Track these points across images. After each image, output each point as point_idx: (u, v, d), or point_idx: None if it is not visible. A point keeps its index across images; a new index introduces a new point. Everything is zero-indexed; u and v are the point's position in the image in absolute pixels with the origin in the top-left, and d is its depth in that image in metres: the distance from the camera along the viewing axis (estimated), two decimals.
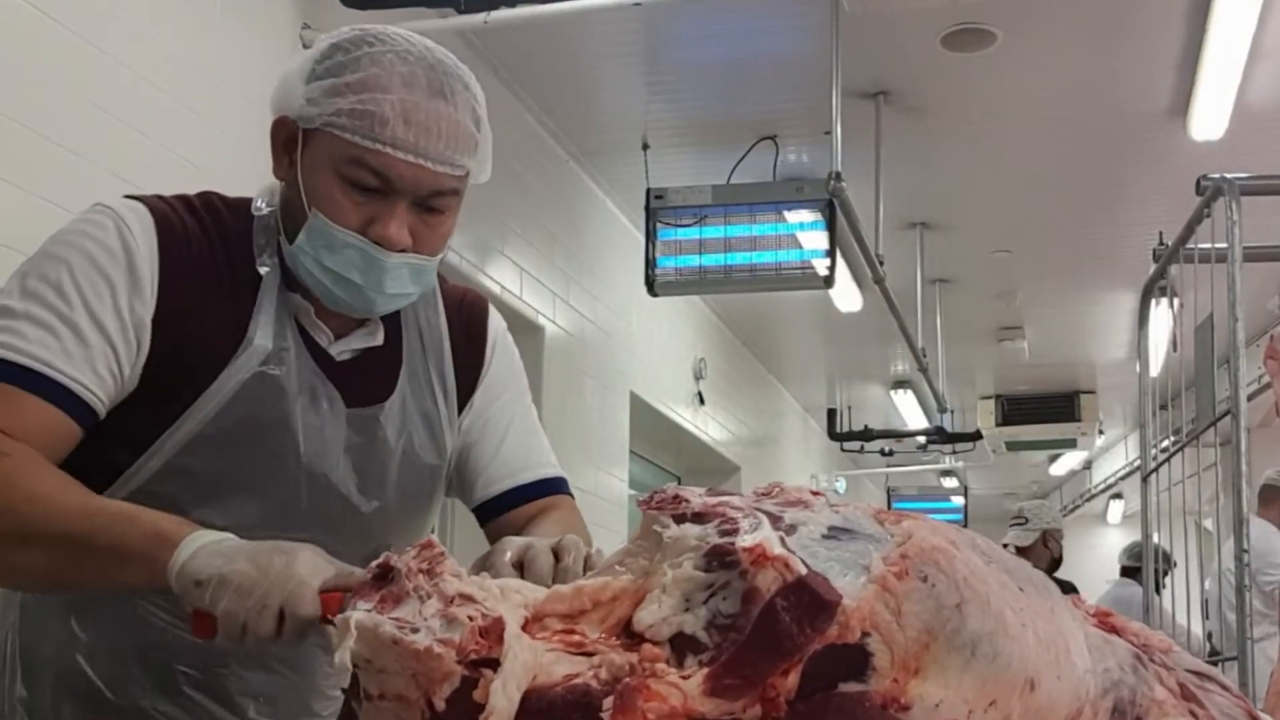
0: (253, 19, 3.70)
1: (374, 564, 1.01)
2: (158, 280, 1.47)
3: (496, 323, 1.75)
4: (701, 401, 7.98)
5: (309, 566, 1.23)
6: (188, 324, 1.48)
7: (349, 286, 1.49)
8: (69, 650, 1.54)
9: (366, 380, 1.58)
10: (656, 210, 5.26)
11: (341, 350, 1.58)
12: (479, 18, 4.15)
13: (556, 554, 1.33)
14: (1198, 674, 1.13)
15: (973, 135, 5.78)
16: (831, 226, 5.13)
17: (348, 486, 1.55)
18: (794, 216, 5.24)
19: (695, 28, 4.84)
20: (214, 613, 1.23)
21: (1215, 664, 3.06)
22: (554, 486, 1.73)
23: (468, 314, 1.72)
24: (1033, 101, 5.42)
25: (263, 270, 1.53)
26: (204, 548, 1.27)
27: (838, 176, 4.57)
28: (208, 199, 1.58)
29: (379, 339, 1.60)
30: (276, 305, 1.53)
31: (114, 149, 3.10)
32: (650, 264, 5.31)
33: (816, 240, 5.24)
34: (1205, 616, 5.02)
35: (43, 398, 1.41)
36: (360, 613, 0.92)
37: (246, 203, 1.58)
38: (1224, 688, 1.14)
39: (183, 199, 1.56)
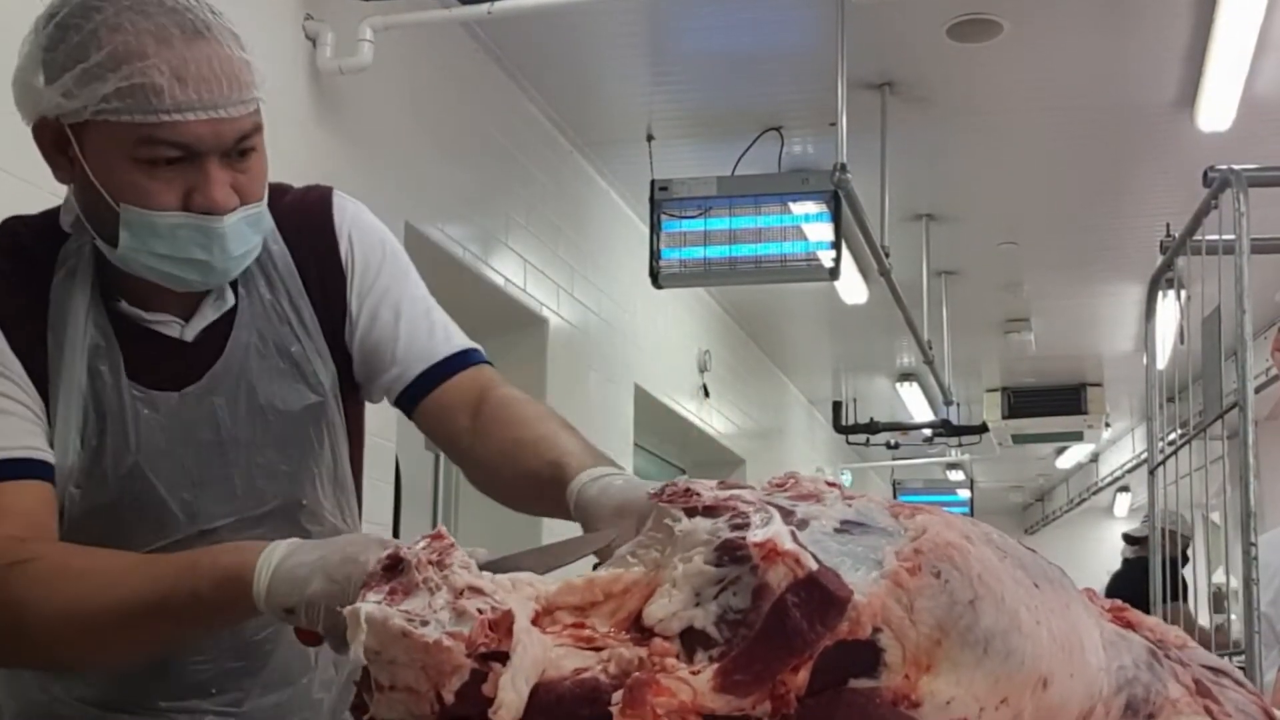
0: (255, 10, 3.69)
1: (384, 555, 1.00)
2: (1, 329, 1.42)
3: (344, 214, 1.60)
4: (706, 394, 7.98)
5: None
6: (38, 359, 1.43)
7: (194, 266, 1.40)
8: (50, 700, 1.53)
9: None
10: (661, 202, 5.25)
11: (196, 330, 1.49)
12: (482, 8, 4.14)
13: None
14: (1213, 669, 1.12)
15: (979, 126, 5.77)
16: (837, 218, 5.12)
17: (197, 482, 1.49)
18: (799, 208, 5.24)
19: (700, 18, 4.83)
20: (316, 631, 1.21)
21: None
22: (470, 358, 1.60)
23: (308, 222, 1.58)
24: (1039, 92, 5.41)
25: (66, 307, 1.45)
26: (278, 575, 1.23)
27: (843, 168, 4.56)
28: (11, 227, 1.52)
29: (230, 300, 1.51)
30: (85, 306, 1.45)
31: None
32: (655, 256, 5.30)
33: (822, 232, 5.23)
34: (1214, 610, 5.01)
35: (13, 479, 1.37)
36: (370, 605, 0.92)
37: (50, 212, 1.51)
38: (1238, 683, 1.13)
39: None
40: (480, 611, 0.89)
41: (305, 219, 1.58)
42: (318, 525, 1.55)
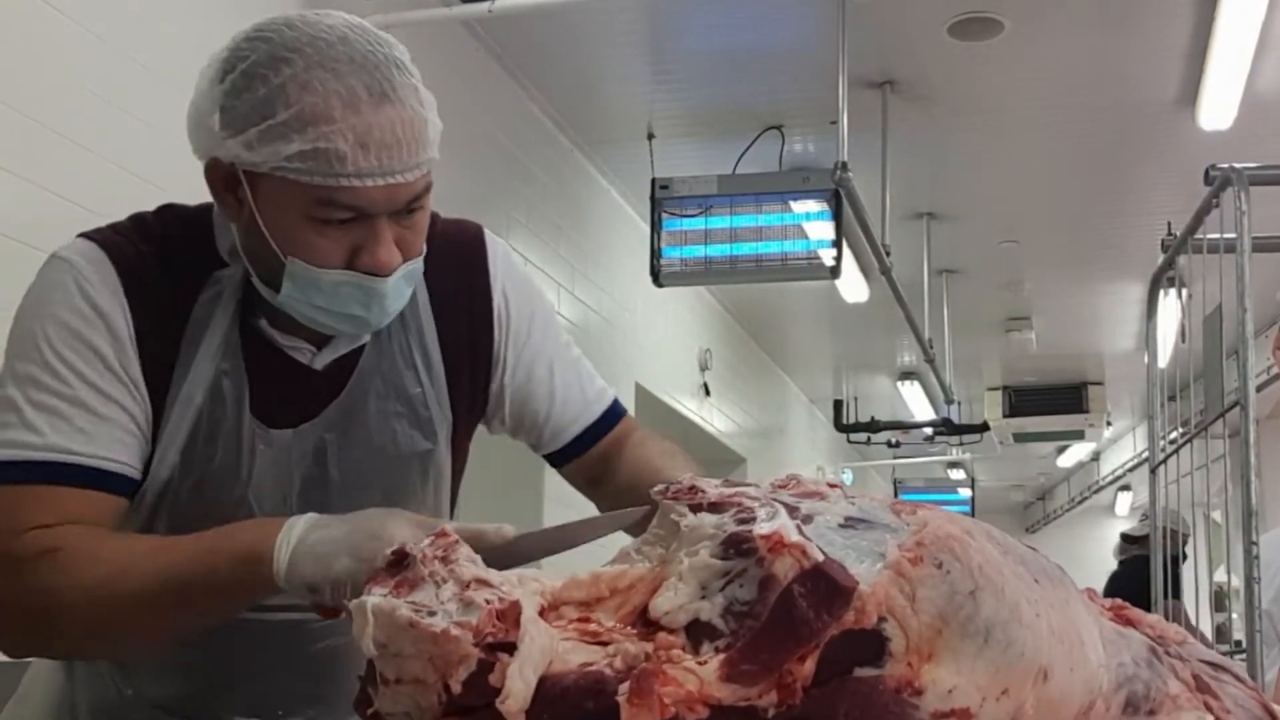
0: (255, 7, 3.69)
1: (389, 551, 1.00)
2: (133, 333, 1.40)
3: (497, 259, 1.61)
4: (707, 393, 7.98)
5: (405, 537, 1.17)
6: (163, 370, 1.42)
7: (350, 320, 1.41)
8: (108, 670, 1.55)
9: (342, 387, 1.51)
10: (662, 200, 5.25)
11: (327, 360, 1.50)
12: (483, 6, 4.15)
13: None
14: (1212, 665, 1.12)
15: (980, 125, 5.77)
16: (838, 217, 5.12)
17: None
18: (800, 207, 5.24)
19: (701, 16, 4.83)
20: (338, 607, 1.22)
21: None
22: (616, 414, 1.69)
23: (458, 261, 1.57)
24: (1040, 91, 5.41)
25: (209, 327, 1.45)
26: (299, 551, 1.23)
27: (844, 166, 4.56)
28: (164, 218, 1.50)
29: (365, 336, 1.51)
30: (224, 334, 1.45)
31: (115, 138, 3.09)
32: (655, 254, 5.30)
33: (823, 230, 5.23)
34: (1215, 609, 5.01)
35: (77, 486, 1.36)
36: (377, 597, 0.92)
37: (204, 215, 1.49)
38: (1238, 679, 1.14)
39: (138, 223, 1.48)
40: (488, 602, 0.89)
41: (456, 258, 1.57)
42: None
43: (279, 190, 1.32)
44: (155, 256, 1.44)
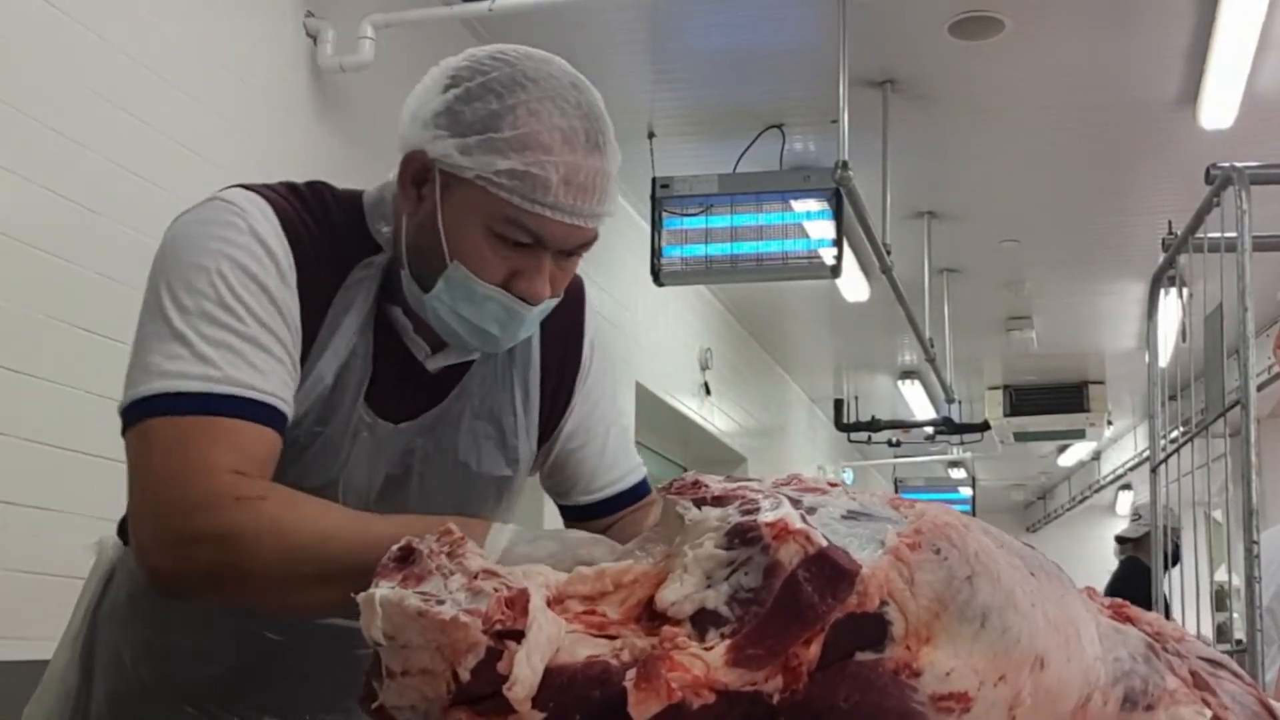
0: (255, 6, 3.69)
1: (394, 548, 1.00)
2: (296, 280, 1.42)
3: (591, 313, 1.69)
4: (708, 392, 7.98)
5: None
6: (315, 325, 1.45)
7: (484, 336, 1.45)
8: (146, 653, 1.56)
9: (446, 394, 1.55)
10: (662, 199, 5.25)
11: (439, 364, 1.54)
12: (483, 5, 4.15)
13: None
14: (1210, 661, 1.13)
15: (981, 124, 5.77)
16: (838, 216, 5.12)
17: (371, 509, 1.47)
18: (801, 205, 5.24)
19: (701, 15, 4.83)
20: None
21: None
22: (645, 489, 1.72)
23: (563, 305, 1.59)
24: (1041, 90, 5.41)
25: (355, 295, 1.48)
26: (505, 560, 1.20)
27: (845, 165, 4.56)
28: (318, 192, 1.51)
29: (477, 353, 1.56)
30: (363, 318, 1.48)
31: (115, 136, 3.10)
32: (656, 253, 5.30)
33: (823, 229, 5.23)
34: (1215, 609, 5.01)
35: (257, 422, 1.35)
36: (385, 589, 0.92)
37: (355, 198, 1.53)
38: (1236, 675, 1.14)
39: (293, 190, 1.50)
40: (496, 590, 0.89)
41: (563, 304, 1.59)
42: None
43: (472, 198, 1.38)
44: (315, 222, 1.47)
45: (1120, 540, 7.27)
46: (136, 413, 1.33)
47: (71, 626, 1.62)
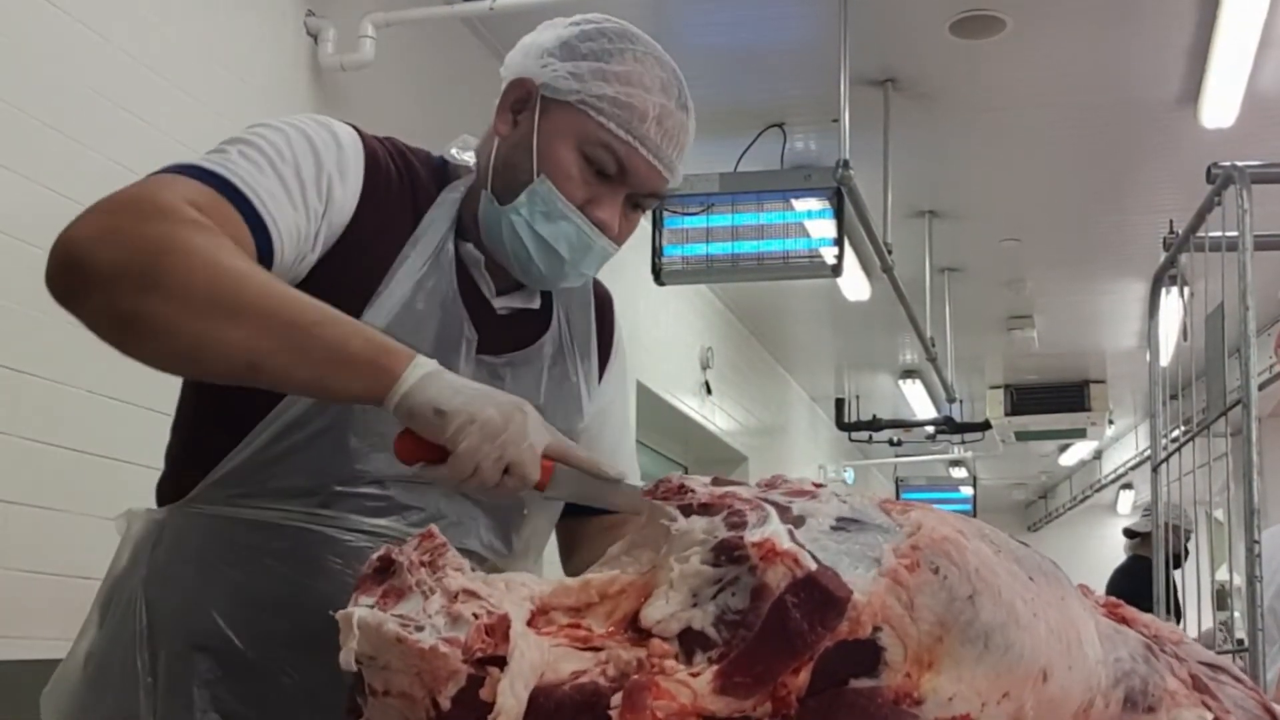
0: (256, 5, 3.69)
1: (374, 557, 0.99)
2: (361, 186, 1.48)
3: (618, 321, 1.79)
4: (709, 391, 7.97)
5: (537, 430, 1.27)
6: (374, 240, 1.48)
7: (552, 258, 1.51)
8: (201, 607, 1.44)
9: (519, 338, 1.59)
10: (663, 198, 5.23)
11: (502, 306, 1.58)
12: (484, 4, 4.14)
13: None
14: (1210, 665, 1.12)
15: (982, 123, 5.76)
16: (839, 215, 5.11)
17: None
18: (802, 205, 5.22)
19: (702, 14, 4.82)
20: (448, 446, 1.23)
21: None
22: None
23: (603, 304, 1.76)
24: (1042, 89, 5.40)
25: (437, 215, 1.53)
26: (435, 375, 1.25)
27: (846, 164, 4.55)
28: (392, 140, 1.59)
29: (536, 303, 1.62)
30: (438, 245, 1.52)
31: (116, 136, 3.09)
32: (657, 253, 5.29)
33: (824, 229, 5.21)
34: (1217, 608, 4.99)
35: (246, 221, 1.36)
36: (363, 609, 0.90)
37: (424, 152, 1.61)
38: (1236, 679, 1.13)
39: (374, 135, 1.58)
40: (476, 615, 0.87)
41: (601, 300, 1.76)
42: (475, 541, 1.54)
43: (570, 119, 1.49)
44: (396, 154, 1.55)
45: (1129, 534, 7.26)
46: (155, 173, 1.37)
47: (101, 604, 1.54)
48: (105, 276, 1.25)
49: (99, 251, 1.25)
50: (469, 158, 1.60)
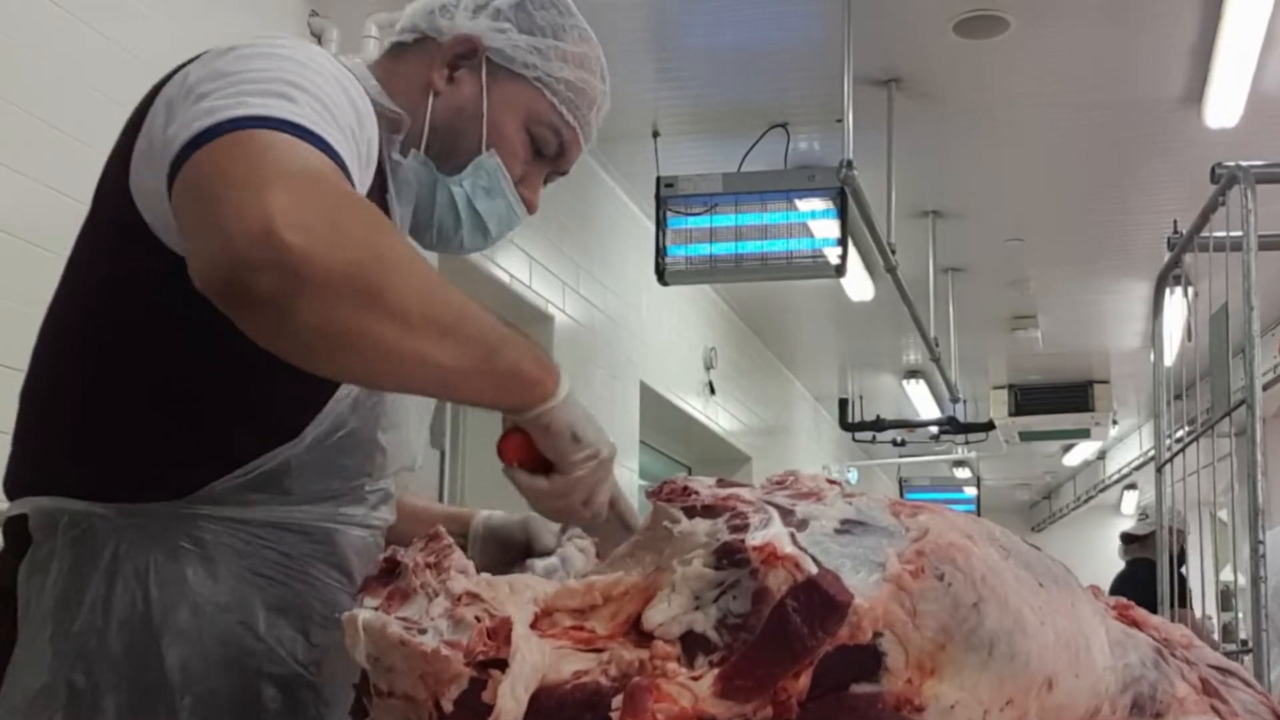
0: (259, 5, 3.69)
1: (380, 558, 0.99)
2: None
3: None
4: (712, 391, 7.96)
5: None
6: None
7: (478, 233, 1.49)
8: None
9: None
10: (667, 198, 5.23)
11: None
12: None
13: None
14: (1220, 669, 1.11)
15: (985, 123, 5.75)
16: (843, 215, 5.10)
17: None
18: (805, 205, 5.22)
19: (706, 14, 4.82)
20: (563, 469, 1.25)
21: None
22: None
23: None
24: (1046, 89, 5.39)
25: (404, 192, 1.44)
26: (574, 398, 1.27)
27: (849, 164, 4.55)
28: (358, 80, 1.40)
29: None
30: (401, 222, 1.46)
31: (116, 135, 3.08)
32: (660, 252, 5.29)
33: (828, 229, 5.21)
34: (1222, 608, 4.99)
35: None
36: (367, 611, 0.90)
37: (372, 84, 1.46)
38: (1246, 683, 1.13)
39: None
40: (478, 619, 0.88)
41: None
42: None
43: (523, 94, 1.45)
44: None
45: (1126, 539, 7.24)
46: (223, 130, 1.12)
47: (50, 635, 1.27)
48: (326, 288, 1.05)
49: (325, 254, 1.05)
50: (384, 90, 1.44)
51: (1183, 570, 3.99)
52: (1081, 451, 14.19)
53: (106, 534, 1.27)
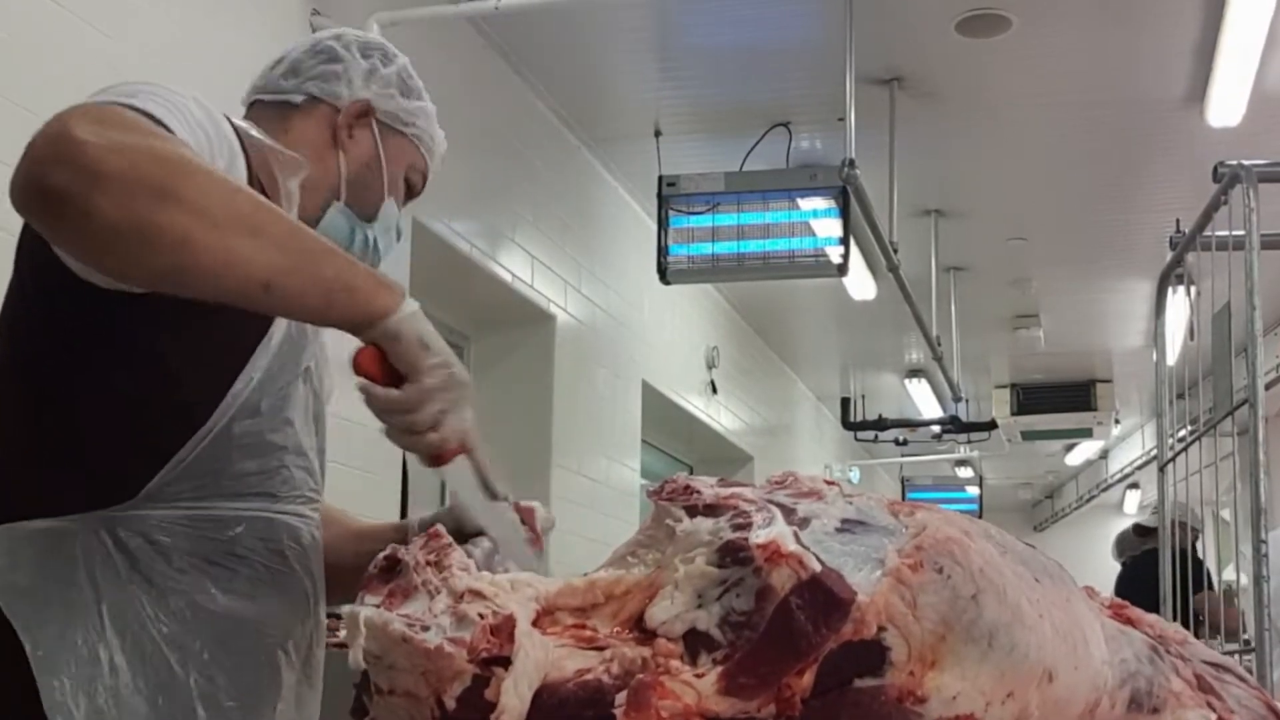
0: (261, 5, 3.69)
1: (381, 556, 0.99)
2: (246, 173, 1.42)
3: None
4: (714, 390, 7.97)
5: (471, 411, 1.33)
6: None
7: (376, 266, 1.59)
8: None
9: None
10: (669, 197, 5.23)
11: None
12: (489, 4, 4.14)
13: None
14: (1214, 665, 1.12)
15: (987, 121, 5.75)
16: (845, 214, 5.10)
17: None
18: (807, 204, 5.22)
19: (707, 13, 4.82)
20: (412, 376, 1.25)
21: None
22: None
23: None
24: (1048, 88, 5.39)
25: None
26: (422, 315, 1.28)
27: (851, 163, 4.55)
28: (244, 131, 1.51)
29: None
30: None
31: None
32: (662, 252, 5.29)
33: (830, 228, 5.21)
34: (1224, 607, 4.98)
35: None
36: (369, 609, 0.90)
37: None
38: (1240, 679, 1.13)
39: None
40: (481, 616, 0.88)
41: None
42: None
43: (404, 149, 1.69)
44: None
45: (1139, 530, 7.19)
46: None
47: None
48: (120, 182, 1.14)
49: (112, 158, 1.15)
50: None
51: (1200, 556, 4.00)
52: (1084, 451, 14.17)
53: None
